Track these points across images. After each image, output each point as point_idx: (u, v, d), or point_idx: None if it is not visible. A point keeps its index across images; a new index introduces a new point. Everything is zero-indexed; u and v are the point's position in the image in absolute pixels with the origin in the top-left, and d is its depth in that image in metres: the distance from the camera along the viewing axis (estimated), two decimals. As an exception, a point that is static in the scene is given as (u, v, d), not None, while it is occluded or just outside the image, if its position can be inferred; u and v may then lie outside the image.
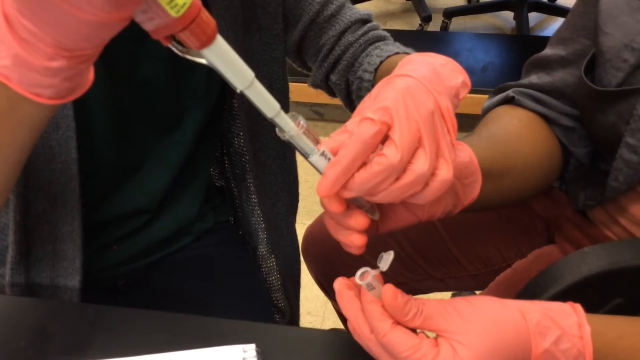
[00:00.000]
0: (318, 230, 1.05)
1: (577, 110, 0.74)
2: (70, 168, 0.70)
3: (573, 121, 0.75)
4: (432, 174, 0.44)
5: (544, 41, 0.80)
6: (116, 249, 0.86)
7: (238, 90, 0.40)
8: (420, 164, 0.43)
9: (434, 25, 2.90)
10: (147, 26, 0.37)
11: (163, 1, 0.33)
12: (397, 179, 0.43)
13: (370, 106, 0.44)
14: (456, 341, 0.46)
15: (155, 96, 0.78)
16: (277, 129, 0.44)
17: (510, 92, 0.78)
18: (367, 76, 0.76)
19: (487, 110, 0.80)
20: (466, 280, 0.97)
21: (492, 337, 0.46)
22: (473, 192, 0.58)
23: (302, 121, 0.44)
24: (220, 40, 0.38)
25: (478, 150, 0.59)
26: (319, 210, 1.59)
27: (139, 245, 0.88)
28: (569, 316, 0.49)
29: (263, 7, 0.81)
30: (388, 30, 0.86)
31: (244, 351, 0.59)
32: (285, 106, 0.92)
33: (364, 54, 0.81)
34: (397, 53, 0.76)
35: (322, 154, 0.45)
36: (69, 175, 0.71)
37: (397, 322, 0.47)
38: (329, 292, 1.14)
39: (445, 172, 0.45)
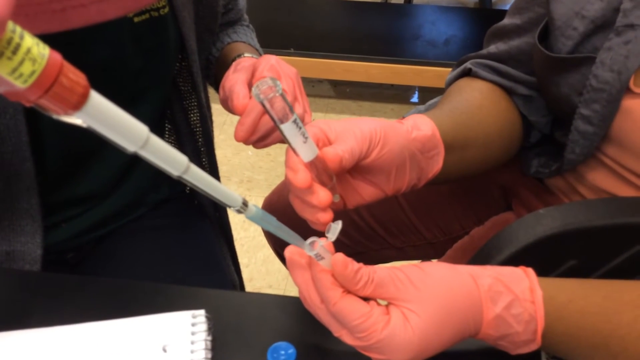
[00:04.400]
0: (276, 200, 1.03)
1: (535, 78, 0.74)
2: (22, 150, 0.69)
3: (531, 90, 0.75)
4: (302, 119, 0.63)
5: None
6: (64, 227, 0.83)
7: (130, 152, 0.32)
8: (299, 108, 0.64)
9: (398, -1, 2.89)
10: None
11: (3, 71, 0.26)
12: None
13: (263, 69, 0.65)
14: (407, 308, 0.45)
15: (111, 79, 0.76)
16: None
17: (468, 64, 0.78)
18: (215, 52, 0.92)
19: (449, 83, 0.80)
20: (425, 248, 0.97)
21: (444, 304, 0.46)
22: (436, 165, 0.59)
23: (278, 87, 0.41)
24: (95, 100, 0.30)
25: (440, 123, 0.59)
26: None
27: (89, 220, 0.85)
28: (521, 280, 0.49)
29: (205, 5, 0.82)
30: (351, 3, 0.86)
31: (193, 317, 0.57)
32: None
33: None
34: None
35: (294, 121, 0.43)
36: (21, 157, 0.69)
37: (348, 291, 0.46)
38: (289, 263, 1.13)
39: (308, 119, 0.64)
